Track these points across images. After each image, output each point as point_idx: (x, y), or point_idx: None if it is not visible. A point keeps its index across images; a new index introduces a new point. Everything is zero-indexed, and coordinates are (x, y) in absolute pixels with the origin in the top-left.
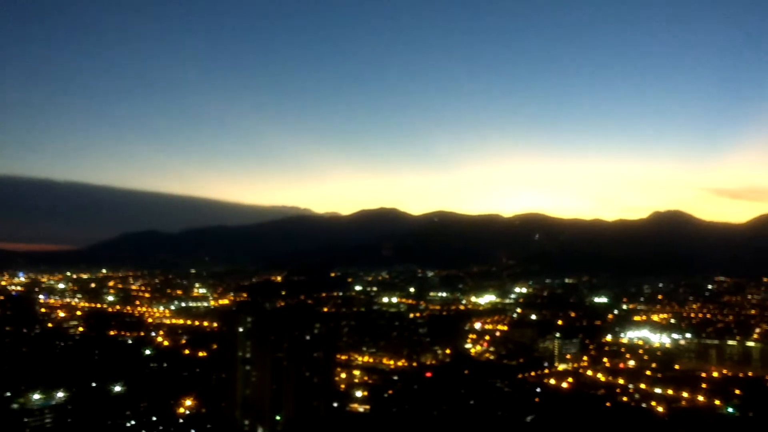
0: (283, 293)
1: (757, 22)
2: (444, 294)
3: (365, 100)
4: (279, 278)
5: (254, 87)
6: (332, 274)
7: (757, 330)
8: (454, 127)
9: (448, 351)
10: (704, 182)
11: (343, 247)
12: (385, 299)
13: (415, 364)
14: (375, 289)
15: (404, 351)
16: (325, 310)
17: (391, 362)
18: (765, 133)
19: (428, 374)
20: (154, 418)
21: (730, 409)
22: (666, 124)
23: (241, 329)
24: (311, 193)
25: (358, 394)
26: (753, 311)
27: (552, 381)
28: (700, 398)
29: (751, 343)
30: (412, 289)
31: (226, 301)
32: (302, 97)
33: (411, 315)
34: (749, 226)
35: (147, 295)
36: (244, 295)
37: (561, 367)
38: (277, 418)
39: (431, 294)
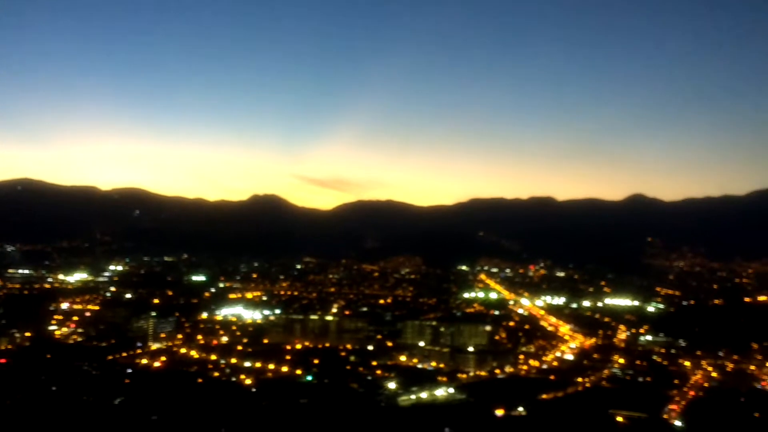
0: None
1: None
2: (26, 271)
3: None
4: None
5: None
6: None
7: (335, 305)
8: (44, 95)
9: (28, 334)
10: (298, 171)
11: None
12: None
13: None
14: None
15: None
16: None
17: None
18: (348, 131)
19: (2, 361)
20: None
21: (309, 377)
22: (264, 114)
23: None
24: None
25: None
26: (332, 289)
27: (145, 361)
28: (284, 369)
29: (329, 317)
30: None
31: None
32: None
33: None
34: (334, 213)
35: None
36: None
37: (155, 346)
38: None
39: (10, 271)
